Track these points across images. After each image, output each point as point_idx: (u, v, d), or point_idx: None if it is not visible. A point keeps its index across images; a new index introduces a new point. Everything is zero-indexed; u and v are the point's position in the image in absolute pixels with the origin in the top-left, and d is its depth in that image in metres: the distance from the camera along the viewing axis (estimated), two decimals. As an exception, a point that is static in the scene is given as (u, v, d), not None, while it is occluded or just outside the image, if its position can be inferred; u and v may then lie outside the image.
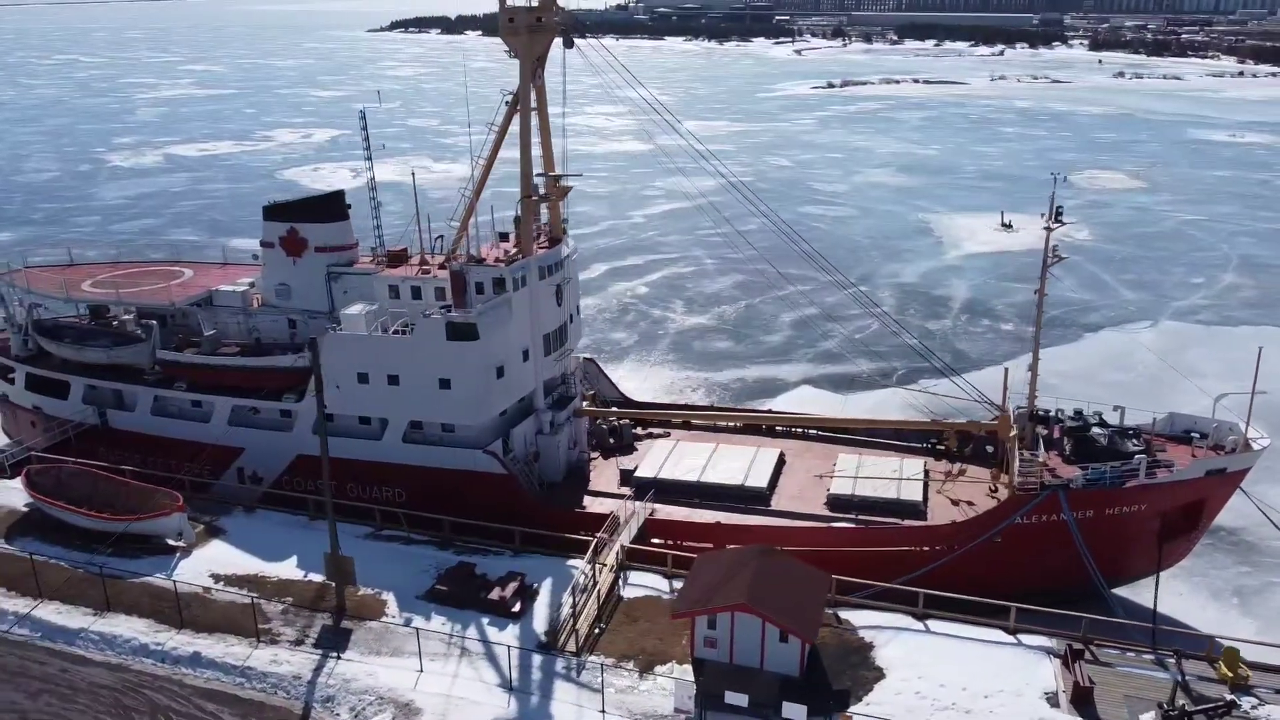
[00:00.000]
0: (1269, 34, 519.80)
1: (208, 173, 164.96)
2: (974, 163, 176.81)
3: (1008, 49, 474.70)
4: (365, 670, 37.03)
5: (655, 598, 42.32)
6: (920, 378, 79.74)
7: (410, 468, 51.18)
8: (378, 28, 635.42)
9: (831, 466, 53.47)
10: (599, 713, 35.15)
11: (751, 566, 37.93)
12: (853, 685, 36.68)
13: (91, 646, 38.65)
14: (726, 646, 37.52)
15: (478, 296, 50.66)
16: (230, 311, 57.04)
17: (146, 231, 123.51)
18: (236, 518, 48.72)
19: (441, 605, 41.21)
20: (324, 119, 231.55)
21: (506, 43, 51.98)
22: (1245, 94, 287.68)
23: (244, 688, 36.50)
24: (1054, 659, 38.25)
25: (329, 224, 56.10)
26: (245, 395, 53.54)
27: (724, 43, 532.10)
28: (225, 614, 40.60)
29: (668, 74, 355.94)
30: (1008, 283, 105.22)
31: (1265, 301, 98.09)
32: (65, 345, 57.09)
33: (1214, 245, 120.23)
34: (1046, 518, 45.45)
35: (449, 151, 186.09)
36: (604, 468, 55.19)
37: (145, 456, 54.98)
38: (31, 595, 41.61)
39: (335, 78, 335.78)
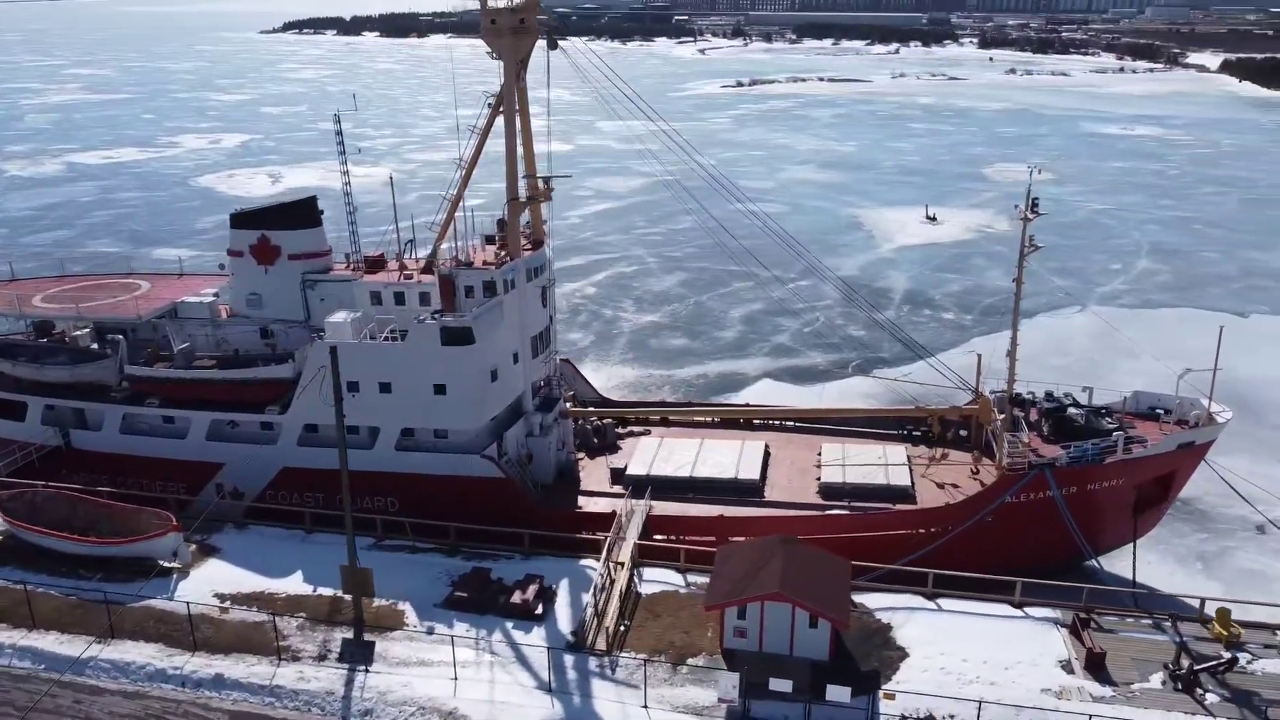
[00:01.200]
0: (1141, 32, 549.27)
1: (115, 181, 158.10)
2: (890, 158, 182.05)
3: (902, 47, 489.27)
4: (399, 682, 36.53)
5: (673, 592, 42.82)
6: (875, 367, 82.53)
7: (404, 476, 50.40)
8: (270, 29, 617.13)
9: (816, 456, 54.76)
10: (641, 708, 35.49)
11: (778, 556, 38.75)
12: (879, 666, 37.86)
13: (103, 675, 37.14)
14: (756, 636, 38.30)
15: (467, 300, 50.27)
16: (198, 323, 55.24)
17: (60, 244, 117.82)
18: (229, 535, 47.30)
19: (462, 612, 40.89)
20: (230, 123, 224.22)
21: (489, 44, 51.59)
22: (1129, 89, 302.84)
23: (275, 708, 35.62)
24: (1061, 628, 40.18)
25: (302, 230, 54.79)
26: (225, 409, 51.94)
27: (627, 43, 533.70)
28: (239, 633, 39.48)
29: (577, 73, 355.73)
30: (941, 273, 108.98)
31: (1179, 285, 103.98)
32: (21, 364, 54.29)
33: (1125, 233, 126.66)
34: (1034, 495, 47.57)
35: (367, 155, 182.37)
36: (592, 467, 55.32)
37: (115, 477, 52.81)
38: (25, 626, 39.68)
39: (234, 81, 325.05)
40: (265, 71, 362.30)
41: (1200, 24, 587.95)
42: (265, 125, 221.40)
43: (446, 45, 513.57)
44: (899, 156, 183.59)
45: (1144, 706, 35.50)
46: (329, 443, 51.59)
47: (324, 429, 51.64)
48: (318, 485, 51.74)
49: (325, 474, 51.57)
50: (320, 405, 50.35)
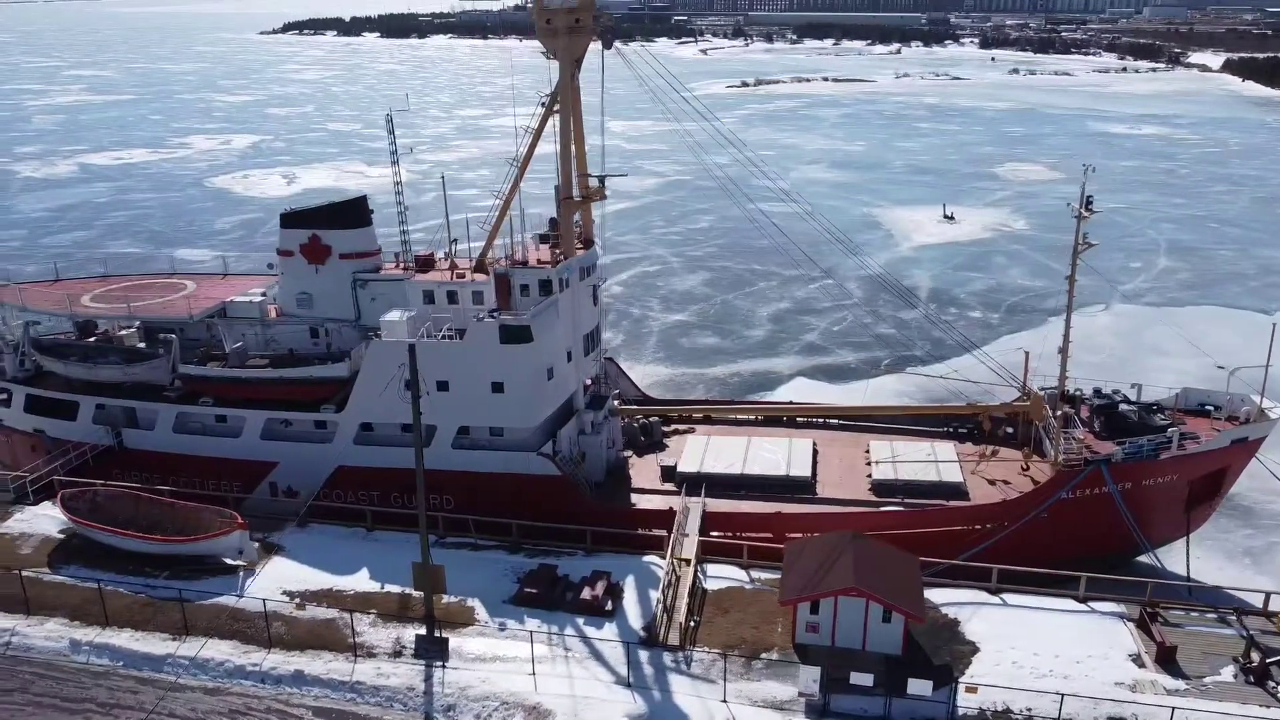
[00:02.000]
0: (1140, 31, 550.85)
1: (128, 182, 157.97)
2: (900, 158, 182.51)
3: (903, 47, 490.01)
4: (477, 677, 36.73)
5: (738, 588, 43.07)
6: (906, 365, 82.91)
7: (460, 474, 50.59)
8: (269, 30, 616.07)
9: (864, 454, 55.09)
10: (721, 702, 35.74)
11: (849, 551, 39.03)
12: (951, 660, 38.15)
13: (182, 672, 37.28)
14: (829, 630, 38.54)
15: (522, 299, 50.52)
16: (248, 323, 55.41)
17: (80, 245, 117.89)
18: (290, 533, 47.43)
19: (532, 608, 41.09)
20: (238, 124, 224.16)
21: (544, 44, 51.78)
22: (1132, 89, 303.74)
23: (357, 703, 35.80)
24: (1128, 623, 40.51)
25: (353, 230, 54.95)
26: (280, 408, 52.11)
27: (628, 43, 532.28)
28: (312, 630, 39.66)
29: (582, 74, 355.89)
30: (963, 272, 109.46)
31: (1201, 283, 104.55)
32: (73, 364, 54.45)
33: (1141, 231, 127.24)
34: (1090, 491, 47.92)
35: (379, 155, 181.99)
36: (640, 465, 55.56)
37: (167, 476, 52.99)
38: (99, 623, 39.81)
39: (237, 82, 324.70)
40: (267, 72, 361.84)
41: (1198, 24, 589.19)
42: (273, 126, 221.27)
43: (448, 46, 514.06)
44: (908, 156, 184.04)
45: (1219, 699, 35.80)
46: (384, 441, 52.05)
47: (379, 428, 51.96)
48: (373, 483, 52.02)
49: (381, 472, 51.96)
50: (377, 404, 50.82)
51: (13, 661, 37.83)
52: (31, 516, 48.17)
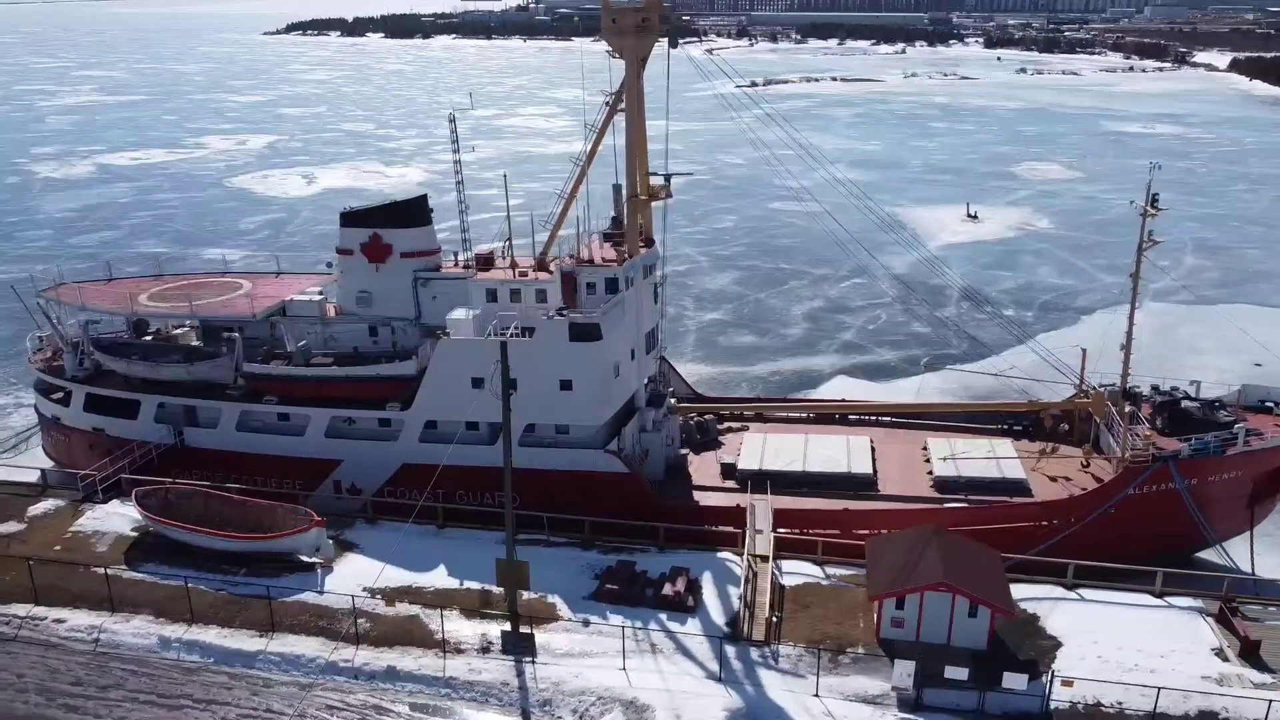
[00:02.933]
0: (1143, 31, 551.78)
1: (149, 182, 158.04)
2: (917, 157, 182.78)
3: (908, 47, 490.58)
4: (569, 672, 36.93)
5: (815, 584, 43.26)
6: (946, 363, 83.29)
7: (527, 471, 50.64)
8: (273, 30, 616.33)
9: (921, 451, 55.32)
10: (813, 697, 35.93)
11: (933, 547, 39.24)
12: (1036, 655, 38.35)
13: (274, 668, 37.46)
14: (914, 625, 38.75)
15: (588, 297, 50.75)
16: (309, 321, 55.61)
17: (108, 245, 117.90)
18: (360, 530, 47.63)
19: (613, 604, 41.28)
20: (252, 124, 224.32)
21: (610, 44, 52.00)
22: (1141, 88, 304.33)
23: (452, 699, 35.99)
24: (1207, 617, 40.73)
25: (414, 229, 55.10)
26: (345, 406, 52.29)
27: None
28: (397, 627, 39.86)
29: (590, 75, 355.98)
30: (992, 271, 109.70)
31: (1230, 281, 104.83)
32: (135, 363, 54.64)
33: (1165, 230, 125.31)
34: (1156, 488, 48.15)
35: (396, 155, 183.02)
36: (698, 463, 55.74)
37: (228, 474, 53.15)
38: (185, 620, 40.00)
39: (247, 82, 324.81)
40: (275, 73, 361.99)
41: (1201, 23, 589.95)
42: (287, 126, 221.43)
43: (453, 46, 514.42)
44: (925, 155, 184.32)
45: (1308, 692, 36.03)
46: (450, 439, 52.16)
47: (443, 425, 52.14)
48: (438, 481, 52.11)
49: (446, 470, 52.01)
50: (443, 401, 51.06)
51: (104, 658, 38.00)
52: (104, 515, 48.35)
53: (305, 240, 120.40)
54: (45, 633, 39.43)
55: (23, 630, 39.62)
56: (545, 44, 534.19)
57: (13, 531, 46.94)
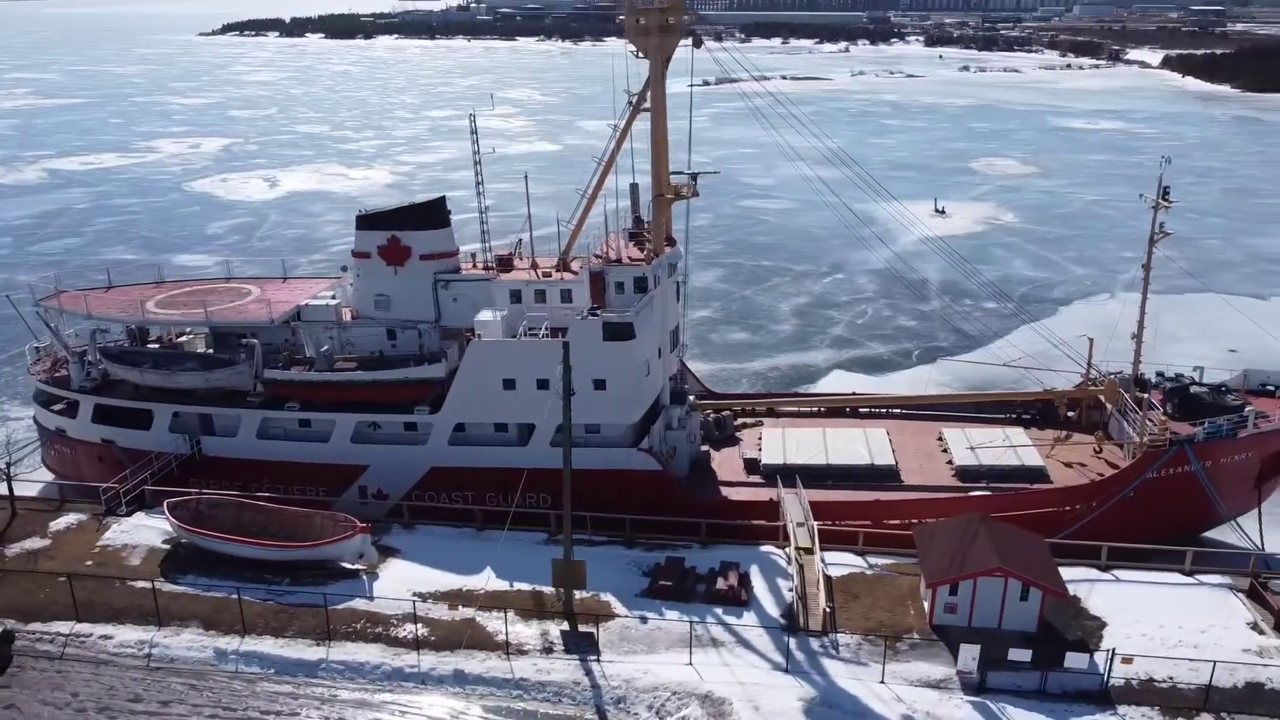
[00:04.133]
0: (1075, 29, 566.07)
1: (106, 187, 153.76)
2: (876, 154, 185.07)
3: (851, 45, 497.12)
4: (637, 669, 37.14)
5: (860, 574, 44.04)
6: (936, 356, 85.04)
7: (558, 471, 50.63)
8: (208, 31, 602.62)
9: (936, 441, 56.53)
10: (879, 684, 36.60)
11: (982, 533, 40.24)
12: (1083, 635, 39.55)
13: (338, 677, 37.07)
14: (966, 611, 39.70)
15: (617, 296, 50.95)
16: (324, 325, 54.93)
17: (73, 252, 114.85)
18: (398, 535, 47.23)
19: (667, 601, 41.57)
20: (203, 127, 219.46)
21: (635, 44, 52.37)
22: (1080, 85, 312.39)
23: (524, 700, 35.97)
24: (1237, 593, 42.35)
25: (433, 230, 54.73)
26: (371, 410, 51.76)
27: (579, 42, 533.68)
28: (455, 631, 39.65)
29: (537, 74, 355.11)
30: (967, 264, 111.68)
31: (1199, 271, 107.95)
32: (148, 371, 53.42)
33: (1125, 222, 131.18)
34: (1173, 471, 49.86)
35: (357, 158, 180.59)
36: (719, 459, 56.21)
37: (248, 482, 52.41)
38: (236, 632, 39.35)
39: (189, 84, 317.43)
40: (217, 75, 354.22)
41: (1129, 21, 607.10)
42: (240, 129, 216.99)
43: (396, 46, 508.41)
44: (885, 152, 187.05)
45: (1346, 661, 37.71)
46: (479, 441, 52.07)
47: (471, 427, 51.96)
48: (467, 484, 51.97)
49: (475, 472, 51.93)
50: (473, 403, 50.88)
51: (160, 673, 37.23)
52: (131, 528, 47.29)
53: (278, 244, 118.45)
54: (94, 649, 38.50)
55: (69, 648, 38.64)
56: (490, 44, 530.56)
57: (38, 548, 45.70)
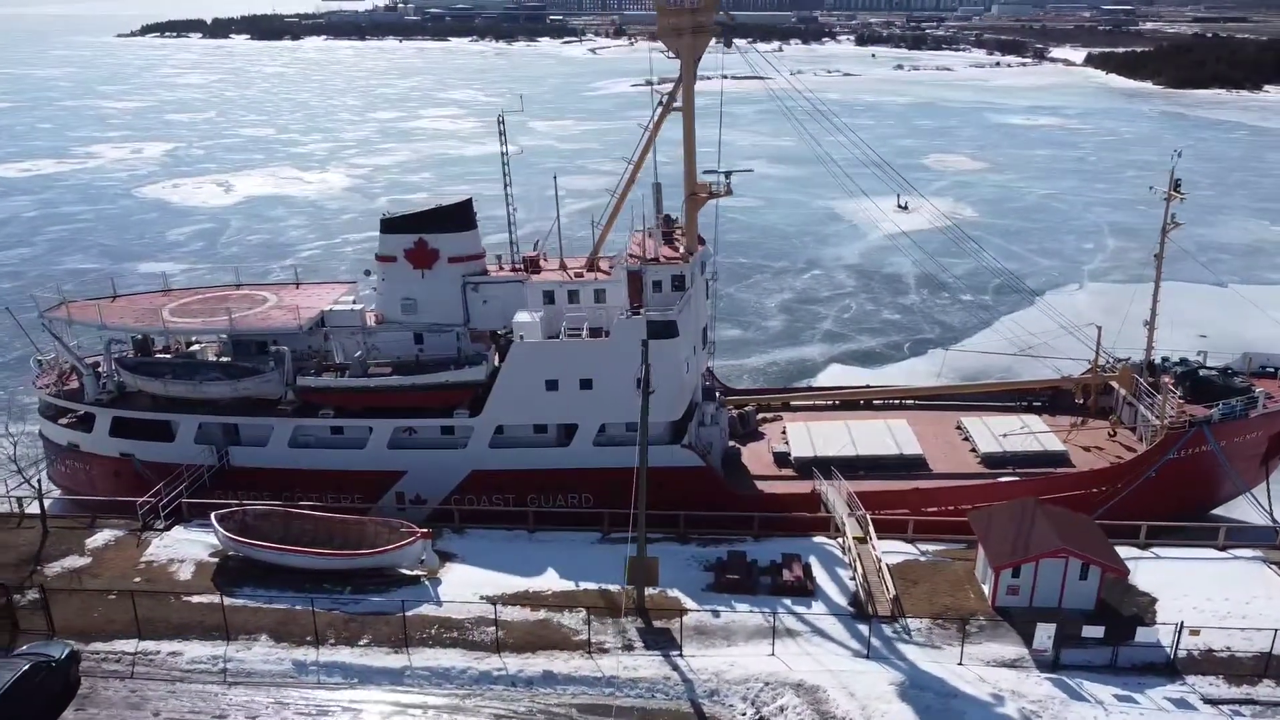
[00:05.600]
0: (997, 28, 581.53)
1: (49, 195, 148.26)
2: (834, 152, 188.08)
3: (784, 45, 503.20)
4: (723, 662, 37.56)
5: (913, 561, 45.13)
6: (927, 347, 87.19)
7: (602, 471, 50.92)
8: (127, 32, 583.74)
9: (955, 430, 58.13)
10: (958, 665, 37.62)
11: (1040, 516, 41.68)
12: (1138, 610, 41.18)
13: (425, 684, 36.71)
14: (1028, 592, 41.03)
15: (654, 295, 51.33)
16: (351, 331, 54.25)
17: (30, 262, 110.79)
18: (451, 540, 46.87)
19: (735, 594, 42.11)
20: (142, 131, 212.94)
21: (666, 44, 52.83)
22: (1010, 82, 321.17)
23: (618, 697, 36.08)
24: (1270, 565, 44.52)
25: (461, 233, 54.36)
26: (409, 415, 51.24)
27: (512, 42, 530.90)
28: (530, 632, 39.61)
29: (477, 74, 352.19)
30: (939, 258, 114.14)
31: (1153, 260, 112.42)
32: (173, 382, 52.08)
33: (1079, 215, 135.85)
34: (1191, 451, 52.10)
35: (309, 161, 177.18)
36: (746, 453, 56.94)
37: (279, 492, 51.39)
38: (308, 643, 38.71)
39: (118, 87, 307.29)
40: (145, 77, 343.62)
41: (1049, 21, 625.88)
42: (181, 133, 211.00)
43: (326, 48, 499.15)
44: (842, 150, 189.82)
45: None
46: (518, 443, 51.97)
47: (509, 429, 51.83)
48: (508, 486, 51.82)
49: (516, 474, 51.84)
50: (514, 405, 50.76)
51: (240, 689, 36.45)
52: (172, 542, 46.15)
53: (244, 250, 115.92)
54: (165, 666, 37.50)
55: (137, 666, 37.59)
56: (423, 44, 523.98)
57: (80, 565, 44.30)
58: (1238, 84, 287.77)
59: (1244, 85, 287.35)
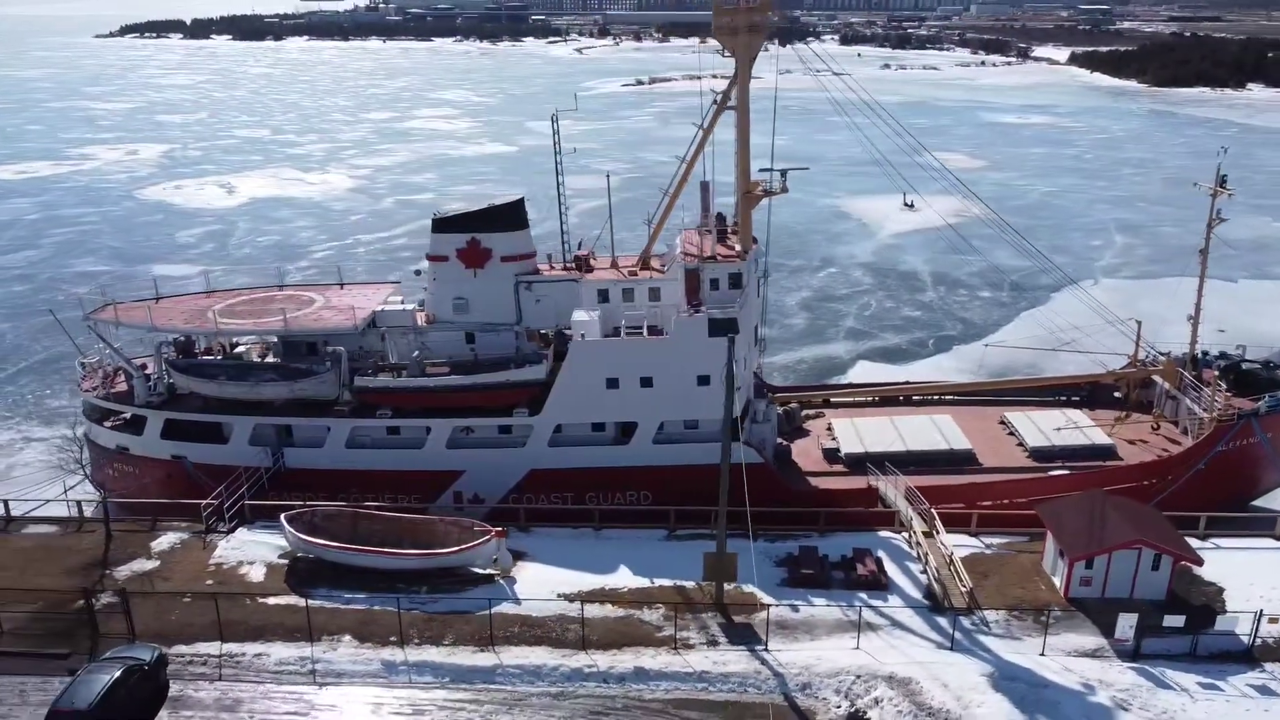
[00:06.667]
0: (977, 27, 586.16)
1: (49, 197, 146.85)
2: (830, 151, 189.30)
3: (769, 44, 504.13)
4: (811, 656, 37.83)
5: (980, 554, 45.55)
6: (953, 343, 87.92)
7: (662, 469, 51.17)
8: (105, 33, 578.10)
9: (998, 425, 58.72)
10: (1040, 655, 38.07)
11: (1113, 508, 42.26)
12: (1207, 600, 41.79)
13: (517, 681, 36.78)
14: (1100, 583, 41.56)
15: (712, 293, 51.58)
16: (404, 330, 54.23)
17: (35, 264, 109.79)
18: (520, 539, 46.86)
19: (810, 588, 42.42)
20: (135, 133, 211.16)
21: (723, 43, 53.21)
22: (998, 81, 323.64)
23: (710, 692, 36.30)
24: (1327, 554, 45.36)
25: (513, 232, 54.44)
26: (468, 415, 51.25)
27: (497, 43, 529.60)
28: (613, 629, 39.75)
29: (465, 75, 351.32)
30: (950, 255, 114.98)
31: (1163, 256, 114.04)
32: (227, 384, 51.82)
33: (1084, 213, 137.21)
34: (1239, 443, 52.89)
35: (309, 162, 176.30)
36: (796, 450, 57.26)
37: (335, 493, 51.26)
38: (392, 643, 38.68)
39: (103, 88, 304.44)
40: (130, 78, 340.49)
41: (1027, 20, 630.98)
42: (175, 134, 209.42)
43: (311, 48, 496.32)
44: (837, 149, 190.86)
45: None
46: (576, 441, 52.06)
47: (567, 428, 51.93)
48: (566, 485, 51.90)
49: (575, 473, 51.92)
50: (574, 404, 50.88)
51: (333, 691, 36.37)
52: (239, 544, 45.95)
53: (256, 252, 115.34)
54: (253, 668, 37.39)
55: (224, 668, 37.47)
56: (407, 44, 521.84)
57: (149, 569, 44.04)
58: (1221, 82, 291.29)
59: (1228, 84, 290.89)
